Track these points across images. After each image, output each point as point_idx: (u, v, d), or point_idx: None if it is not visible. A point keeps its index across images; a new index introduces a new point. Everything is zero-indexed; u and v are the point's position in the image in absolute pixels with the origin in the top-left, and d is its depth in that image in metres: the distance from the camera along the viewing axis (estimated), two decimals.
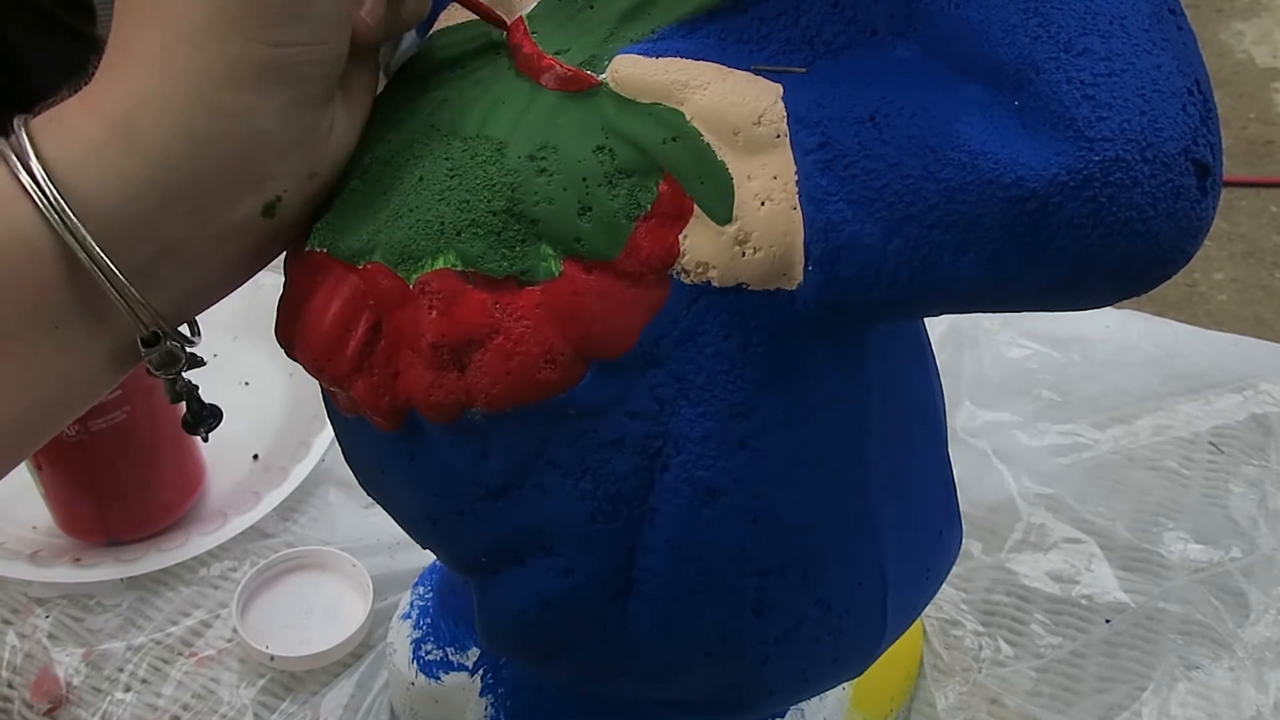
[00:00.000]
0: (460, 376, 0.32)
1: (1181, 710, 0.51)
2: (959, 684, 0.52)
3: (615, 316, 0.31)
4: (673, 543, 0.34)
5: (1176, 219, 0.27)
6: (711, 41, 0.32)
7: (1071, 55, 0.27)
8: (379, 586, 0.56)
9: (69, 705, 0.54)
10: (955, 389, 0.64)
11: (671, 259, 0.31)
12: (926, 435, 0.39)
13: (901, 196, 0.29)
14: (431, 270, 0.32)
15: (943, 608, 0.55)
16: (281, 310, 0.36)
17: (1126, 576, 0.56)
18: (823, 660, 0.38)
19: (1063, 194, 0.27)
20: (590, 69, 0.33)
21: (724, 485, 0.33)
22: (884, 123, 0.29)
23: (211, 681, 0.54)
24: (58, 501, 0.59)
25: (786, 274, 0.31)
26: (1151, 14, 0.28)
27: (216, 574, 0.59)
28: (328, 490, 0.62)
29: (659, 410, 0.32)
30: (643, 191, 0.31)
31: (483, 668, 0.47)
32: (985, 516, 0.59)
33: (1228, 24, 1.99)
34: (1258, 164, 1.73)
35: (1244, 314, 1.49)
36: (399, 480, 0.36)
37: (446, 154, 0.33)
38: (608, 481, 0.33)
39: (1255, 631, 0.53)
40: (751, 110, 0.31)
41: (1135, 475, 0.61)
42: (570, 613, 0.35)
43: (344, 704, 0.52)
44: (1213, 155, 0.28)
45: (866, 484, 0.36)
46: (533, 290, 0.31)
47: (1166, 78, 0.27)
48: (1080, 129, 0.27)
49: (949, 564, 0.42)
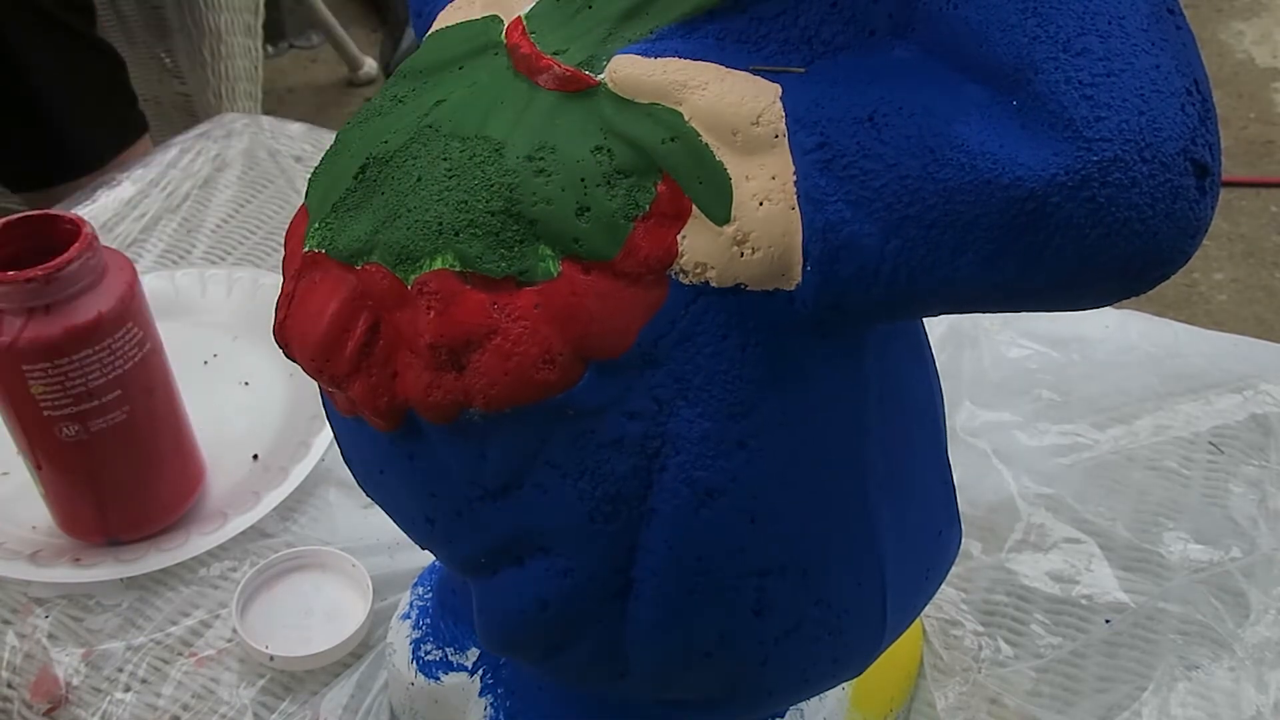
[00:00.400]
0: (458, 377, 0.32)
1: (1181, 710, 0.51)
2: (959, 684, 0.52)
3: (613, 317, 0.31)
4: (671, 543, 0.34)
5: (1175, 219, 0.27)
6: (710, 41, 0.32)
7: (1070, 55, 0.27)
8: (379, 586, 0.56)
9: (69, 705, 0.54)
10: (955, 389, 0.64)
11: (670, 259, 0.31)
12: (926, 435, 0.39)
13: (900, 197, 0.29)
14: (430, 271, 0.32)
15: (943, 608, 0.55)
16: (280, 310, 0.36)
17: (1126, 576, 0.56)
18: (822, 660, 0.38)
19: (1061, 194, 0.27)
20: (589, 69, 0.33)
21: (723, 485, 0.33)
22: (883, 123, 0.29)
23: (211, 681, 0.54)
24: (58, 501, 0.59)
25: (785, 274, 0.31)
26: (1150, 14, 0.28)
27: (216, 574, 0.59)
28: (328, 490, 0.62)
29: (657, 410, 0.32)
30: (641, 192, 0.31)
31: (482, 668, 0.47)
32: (985, 516, 0.59)
33: (1228, 24, 1.99)
34: (1258, 164, 1.73)
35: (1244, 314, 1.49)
36: (397, 481, 0.36)
37: (445, 154, 0.33)
38: (606, 482, 0.33)
39: (1255, 631, 0.53)
40: (750, 110, 0.31)
41: (1135, 475, 0.61)
42: (569, 613, 0.35)
43: (344, 704, 0.52)
44: (1211, 155, 0.28)
45: (866, 484, 0.36)
46: (531, 290, 0.31)
47: (1165, 78, 0.27)
48: (1079, 129, 0.27)
49: (949, 564, 0.42)
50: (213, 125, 0.90)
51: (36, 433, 0.55)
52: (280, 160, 0.86)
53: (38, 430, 0.55)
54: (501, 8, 0.36)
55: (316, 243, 0.34)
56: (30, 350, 0.52)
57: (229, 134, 0.89)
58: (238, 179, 0.85)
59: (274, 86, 1.97)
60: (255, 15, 1.32)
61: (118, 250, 0.57)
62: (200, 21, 1.27)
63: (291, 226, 0.37)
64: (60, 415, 0.54)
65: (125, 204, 0.83)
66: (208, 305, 0.72)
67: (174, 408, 0.59)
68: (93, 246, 0.53)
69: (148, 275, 0.72)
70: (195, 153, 0.87)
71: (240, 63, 1.32)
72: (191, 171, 0.85)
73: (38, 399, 0.53)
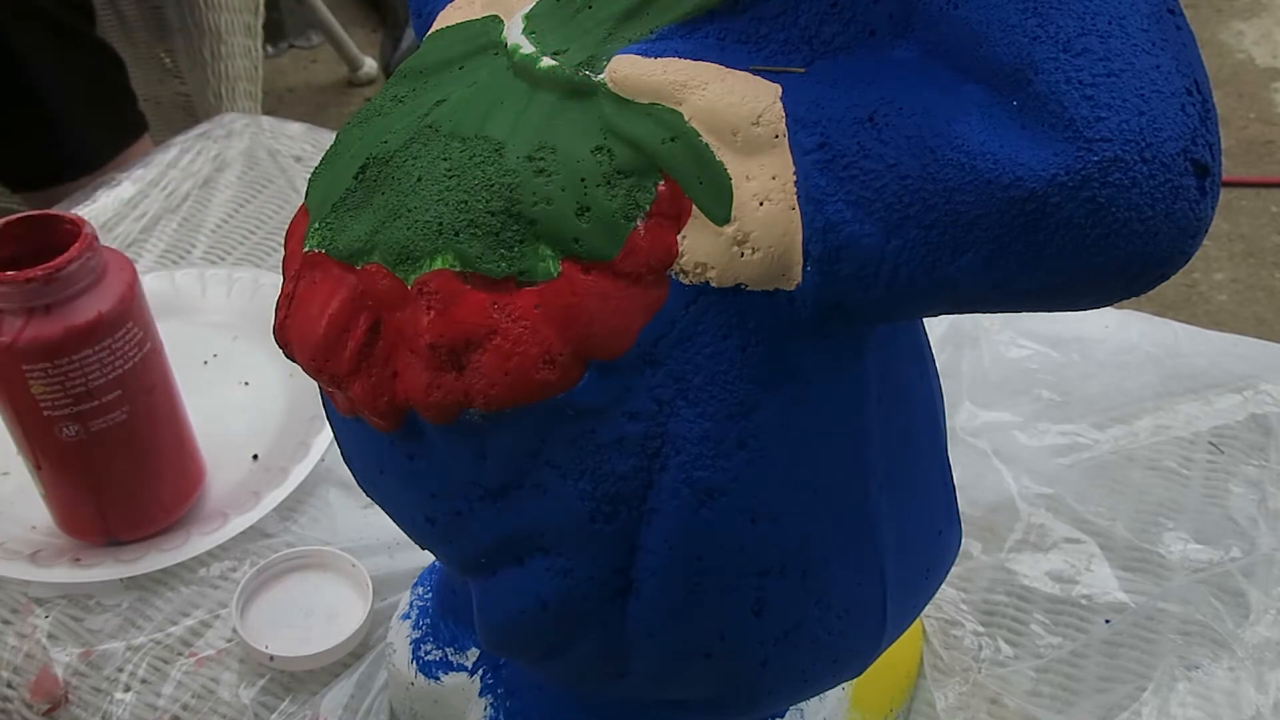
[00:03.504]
0: (458, 377, 0.32)
1: (1181, 710, 0.51)
2: (959, 684, 0.52)
3: (614, 317, 0.31)
4: (672, 543, 0.34)
5: (1175, 219, 0.27)
6: (710, 42, 0.32)
7: (1070, 55, 0.27)
8: (379, 586, 0.56)
9: (68, 705, 0.54)
10: (955, 389, 0.64)
11: (670, 259, 0.31)
12: (926, 435, 0.39)
13: (900, 197, 0.29)
14: (430, 271, 0.32)
15: (943, 608, 0.55)
16: (280, 310, 0.36)
17: (1126, 576, 0.56)
18: (822, 660, 0.38)
19: (1061, 194, 0.27)
20: (589, 69, 0.33)
21: (723, 485, 0.33)
22: (883, 123, 0.29)
23: (211, 681, 0.54)
24: (58, 501, 0.59)
25: (785, 274, 0.31)
26: (1150, 14, 0.28)
27: (216, 574, 0.59)
28: (328, 490, 0.62)
29: (658, 410, 0.32)
30: (641, 192, 0.31)
31: (482, 668, 0.47)
32: (985, 516, 0.59)
33: (1228, 24, 1.99)
34: (1258, 164, 1.73)
35: (1244, 314, 1.49)
36: (397, 481, 0.36)
37: (445, 154, 0.33)
38: (607, 482, 0.33)
39: (1255, 631, 0.53)
40: (750, 110, 0.31)
41: (1135, 475, 0.61)
42: (569, 613, 0.35)
43: (344, 704, 0.52)
44: (1211, 155, 0.28)
45: (866, 484, 0.36)
46: (531, 291, 0.31)
47: (1165, 78, 0.27)
48: (1079, 129, 0.27)
49: (949, 564, 0.42)
50: (213, 125, 0.90)
51: (36, 433, 0.55)
52: (280, 160, 0.86)
53: (38, 430, 0.55)
54: (502, 8, 0.36)
55: (317, 243, 0.34)
56: (30, 350, 0.52)
57: (229, 134, 0.89)
58: (238, 179, 0.85)
59: (274, 86, 1.97)
60: (255, 15, 1.32)
61: (118, 250, 0.57)
62: (200, 21, 1.27)
63: (291, 226, 0.37)
64: (60, 415, 0.54)
65: (125, 204, 0.83)
66: (208, 305, 0.72)
67: (174, 408, 0.59)
68: (93, 247, 0.53)
69: (148, 275, 0.72)
70: (195, 153, 0.87)
71: (240, 63, 1.32)
72: (191, 171, 0.85)
73: (38, 399, 0.53)
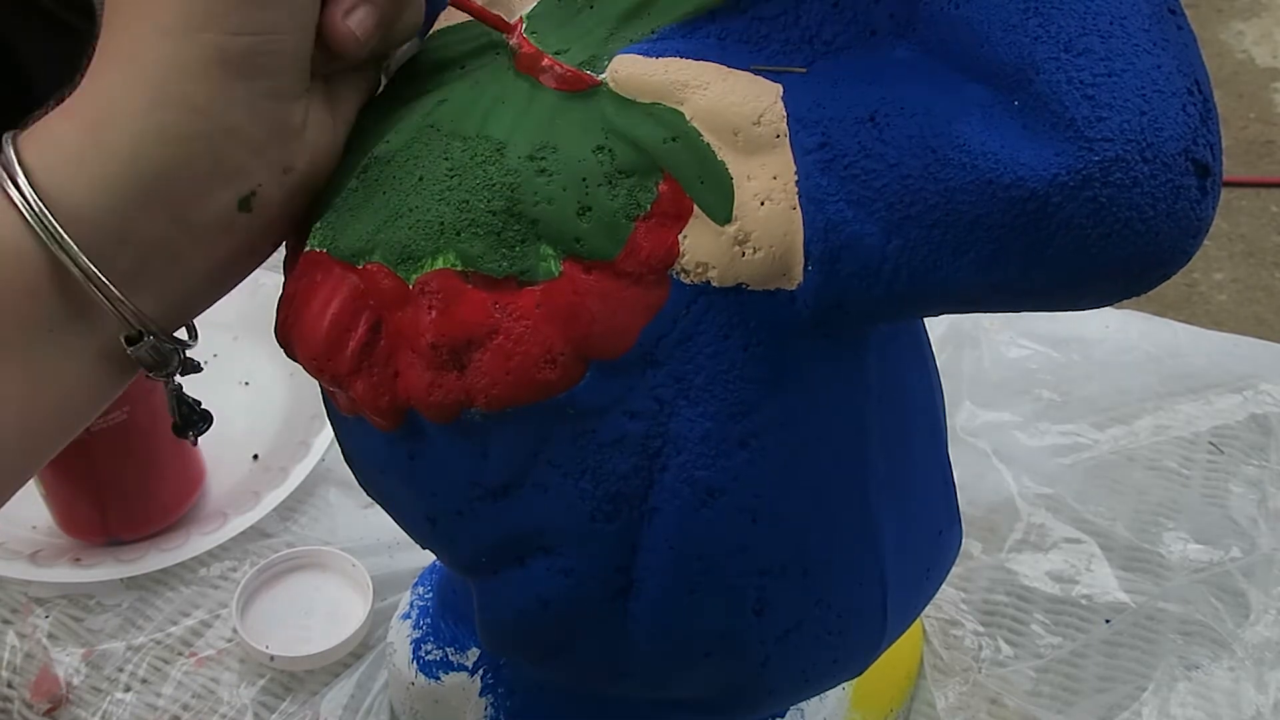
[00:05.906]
0: (460, 376, 0.32)
1: (1181, 710, 0.51)
2: (959, 684, 0.52)
3: (615, 316, 0.31)
4: (673, 542, 0.34)
5: (1176, 219, 0.27)
6: (711, 41, 0.32)
7: (1071, 55, 0.27)
8: (379, 586, 0.56)
9: (69, 705, 0.54)
10: (955, 389, 0.64)
11: (671, 259, 0.31)
12: (926, 435, 0.39)
13: (901, 197, 0.29)
14: (431, 270, 0.32)
15: (943, 608, 0.55)
16: (281, 310, 0.36)
17: (1126, 576, 0.56)
18: (822, 660, 0.38)
19: (1062, 194, 0.27)
20: (590, 69, 0.33)
21: (724, 485, 0.33)
22: (884, 123, 0.29)
23: (211, 681, 0.54)
24: (58, 501, 0.59)
25: (786, 274, 0.31)
26: (1151, 14, 0.28)
27: (216, 574, 0.59)
28: (328, 490, 0.62)
29: (659, 410, 0.32)
30: (642, 191, 0.31)
31: (483, 668, 0.47)
32: (985, 516, 0.59)
33: (1228, 24, 1.99)
34: (1258, 164, 1.73)
35: (1244, 314, 1.49)
36: (398, 480, 0.36)
37: (446, 154, 0.33)
38: (607, 481, 0.33)
39: (1255, 631, 0.53)
40: (751, 110, 0.31)
41: (1135, 475, 0.61)
42: (570, 613, 0.35)
43: (344, 704, 0.52)
44: (1212, 155, 0.28)
45: (866, 484, 0.36)
46: (532, 290, 0.31)
47: (1166, 78, 0.27)
48: (1080, 129, 0.27)
49: (949, 564, 0.42)
50: None
51: None
52: None
53: None
54: (503, 8, 0.36)
55: (318, 242, 0.34)
56: None
57: None
58: None
59: None
60: None
61: None
62: None
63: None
64: None
65: None
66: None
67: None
68: None
69: None
70: None
71: None
72: None
73: None
